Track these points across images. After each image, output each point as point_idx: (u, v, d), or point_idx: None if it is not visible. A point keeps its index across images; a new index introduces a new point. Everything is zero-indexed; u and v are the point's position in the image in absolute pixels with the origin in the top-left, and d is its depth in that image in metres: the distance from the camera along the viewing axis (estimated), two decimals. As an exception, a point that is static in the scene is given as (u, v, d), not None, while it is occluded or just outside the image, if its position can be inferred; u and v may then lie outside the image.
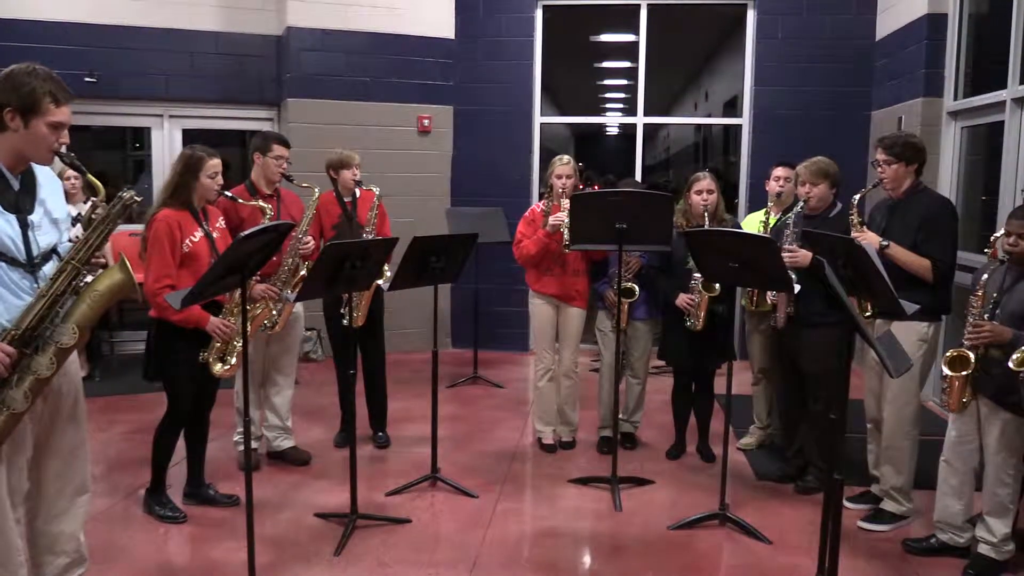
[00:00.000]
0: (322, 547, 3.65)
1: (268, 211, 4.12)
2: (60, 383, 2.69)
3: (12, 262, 2.46)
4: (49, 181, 2.67)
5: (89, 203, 2.69)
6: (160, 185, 3.98)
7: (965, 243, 3.90)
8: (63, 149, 2.54)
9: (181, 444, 4.03)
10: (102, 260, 2.57)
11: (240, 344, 3.77)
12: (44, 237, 2.56)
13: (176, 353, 3.78)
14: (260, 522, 3.70)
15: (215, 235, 3.87)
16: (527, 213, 4.93)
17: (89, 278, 2.56)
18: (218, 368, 3.81)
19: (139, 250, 3.76)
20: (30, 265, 2.51)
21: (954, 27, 6.07)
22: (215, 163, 3.82)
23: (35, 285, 2.50)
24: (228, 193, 3.99)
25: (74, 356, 2.74)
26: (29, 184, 2.57)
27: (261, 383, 4.60)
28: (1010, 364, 3.05)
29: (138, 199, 2.59)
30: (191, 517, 3.92)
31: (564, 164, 4.75)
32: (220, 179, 3.87)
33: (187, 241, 3.72)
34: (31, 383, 2.45)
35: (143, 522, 3.90)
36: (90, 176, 2.56)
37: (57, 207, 2.66)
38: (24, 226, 2.50)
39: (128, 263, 2.57)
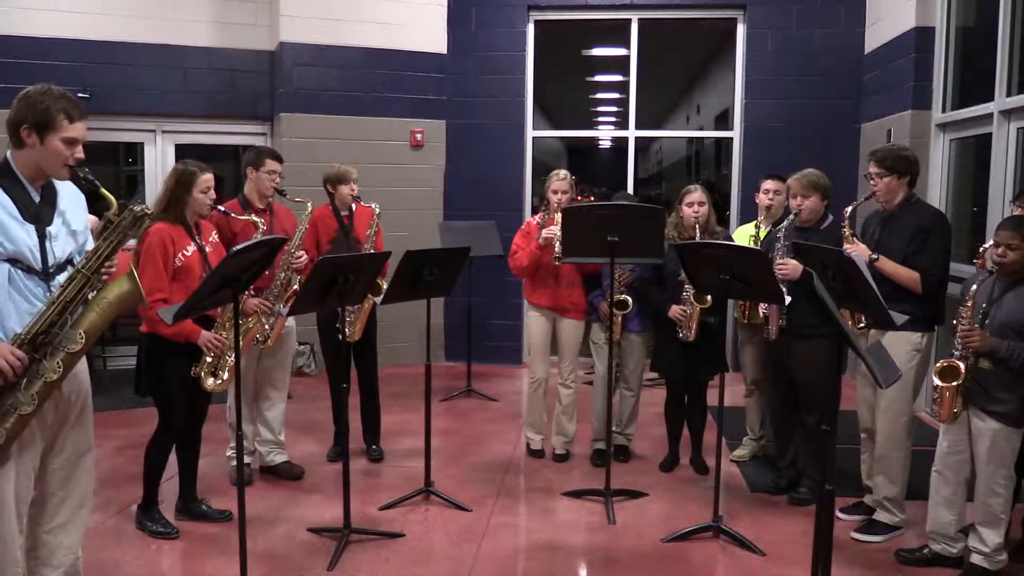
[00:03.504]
0: (315, 562, 3.64)
1: (261, 225, 4.13)
2: (69, 390, 2.74)
3: (28, 270, 2.58)
4: (71, 194, 2.78)
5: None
6: (153, 200, 3.99)
7: (954, 254, 3.93)
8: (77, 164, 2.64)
9: (173, 459, 4.01)
10: (112, 270, 2.65)
11: (232, 358, 3.78)
12: (61, 247, 2.67)
13: (168, 368, 3.78)
14: (253, 537, 3.69)
15: (208, 249, 3.89)
16: (523, 226, 4.97)
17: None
18: (210, 383, 3.82)
19: (132, 264, 3.76)
20: (45, 273, 2.61)
21: (942, 40, 6.13)
22: (207, 178, 3.84)
23: (48, 293, 2.59)
24: (221, 207, 4.00)
25: (83, 363, 2.80)
26: (49, 196, 2.68)
27: (254, 397, 4.59)
28: None
29: (149, 211, 2.69)
30: (183, 533, 3.91)
31: (561, 179, 4.78)
32: (212, 194, 3.88)
33: (180, 255, 3.74)
34: (39, 387, 2.52)
35: (135, 538, 3.88)
36: (103, 190, 2.65)
37: (76, 219, 2.77)
38: (42, 236, 2.61)
39: (136, 274, 2.66)
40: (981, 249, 3.56)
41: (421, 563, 3.66)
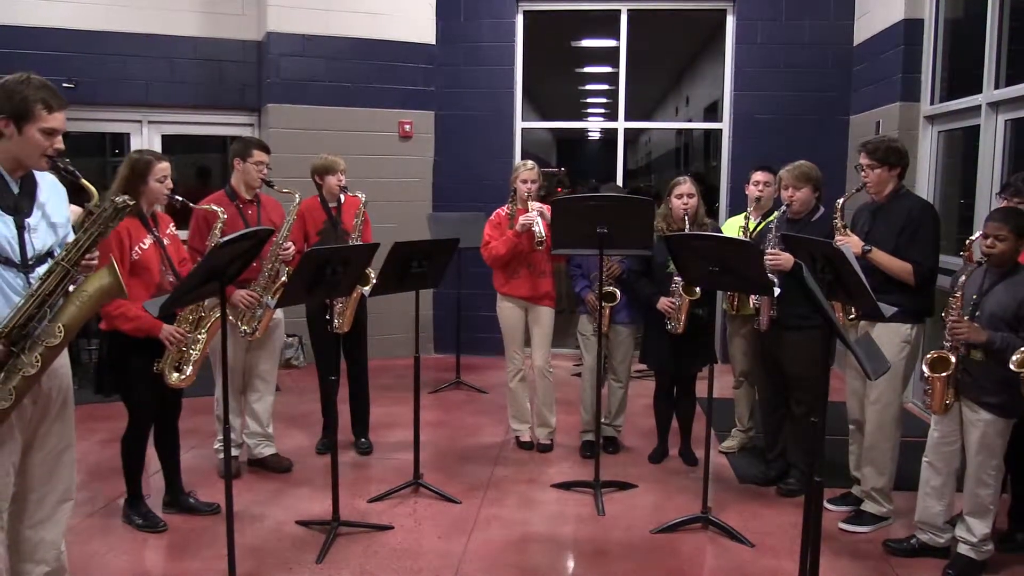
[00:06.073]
0: (304, 555, 3.63)
1: (221, 215, 4.07)
2: (49, 385, 2.71)
3: (6, 262, 2.54)
4: (51, 186, 2.75)
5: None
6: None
7: (942, 246, 3.95)
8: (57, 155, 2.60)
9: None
10: (93, 262, 2.61)
11: (196, 352, 3.73)
12: (40, 239, 2.63)
13: (130, 365, 3.71)
14: (241, 530, 3.68)
15: (166, 242, 3.79)
16: (492, 217, 4.98)
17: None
18: (174, 378, 3.73)
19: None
20: (24, 266, 2.57)
21: (930, 32, 6.14)
22: (163, 167, 3.74)
23: (28, 286, 2.55)
24: (178, 197, 3.91)
25: (64, 358, 2.77)
26: (29, 188, 2.65)
27: (242, 390, 4.57)
28: (1011, 366, 3.05)
29: (131, 203, 2.64)
30: (171, 526, 3.88)
31: (528, 169, 4.81)
32: (169, 183, 3.77)
33: (136, 248, 3.64)
34: (17, 381, 2.49)
35: (122, 532, 3.85)
36: (83, 180, 2.61)
37: (57, 211, 2.72)
38: (20, 228, 2.57)
39: (117, 267, 2.62)
40: (968, 241, 3.57)
41: (410, 555, 3.65)
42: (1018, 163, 5.18)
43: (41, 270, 2.58)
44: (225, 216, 4.10)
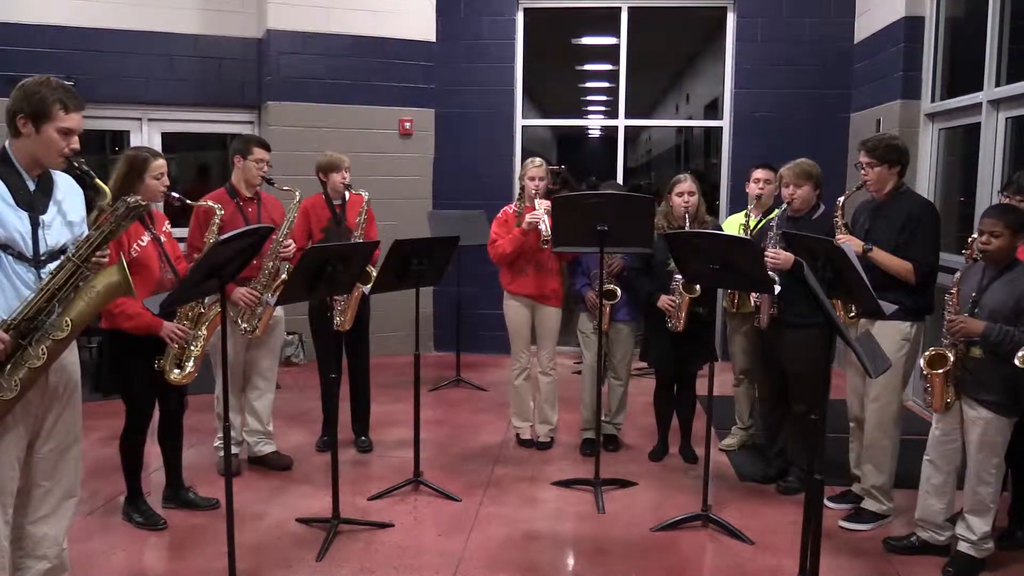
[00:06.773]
0: (304, 553, 3.63)
1: (219, 211, 4.07)
2: (56, 380, 2.74)
3: (19, 256, 2.60)
4: (69, 186, 2.82)
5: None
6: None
7: (943, 244, 3.95)
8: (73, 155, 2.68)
9: (159, 449, 3.99)
10: (103, 260, 2.67)
11: (196, 349, 3.73)
12: (54, 236, 2.70)
13: (131, 363, 3.70)
14: (241, 528, 3.67)
15: (162, 239, 3.78)
16: (500, 215, 4.99)
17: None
18: (175, 375, 3.71)
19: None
20: (36, 261, 2.63)
21: (931, 30, 6.13)
22: (160, 164, 3.73)
23: (39, 281, 2.62)
24: (175, 194, 3.91)
25: (73, 354, 2.82)
26: (46, 185, 2.73)
27: (242, 387, 4.57)
28: (1016, 362, 3.03)
29: (144, 203, 2.72)
30: (171, 524, 3.89)
31: (536, 167, 4.81)
32: (166, 180, 3.76)
33: (135, 246, 3.64)
34: (23, 373, 2.54)
35: (122, 530, 3.86)
36: (98, 180, 2.69)
37: (73, 210, 2.79)
38: (35, 223, 2.64)
39: (125, 265, 2.66)
40: (971, 239, 3.57)
41: (410, 553, 3.65)
42: (1019, 161, 5.18)
43: (53, 266, 2.63)
44: (222, 212, 4.09)
